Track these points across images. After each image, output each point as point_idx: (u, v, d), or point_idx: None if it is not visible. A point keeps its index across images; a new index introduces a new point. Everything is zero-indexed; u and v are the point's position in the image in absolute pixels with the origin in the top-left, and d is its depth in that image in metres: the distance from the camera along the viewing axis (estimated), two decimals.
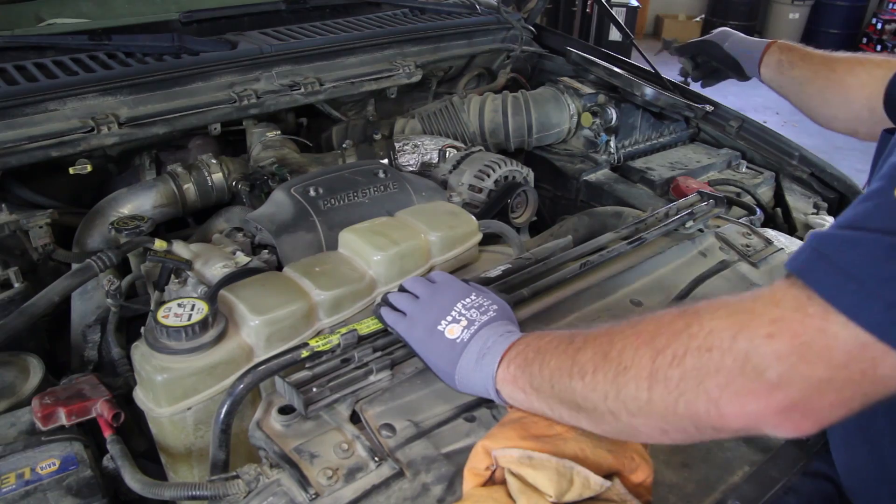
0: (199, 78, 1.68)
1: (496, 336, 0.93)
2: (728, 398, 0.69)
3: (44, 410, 1.02)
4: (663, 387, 0.73)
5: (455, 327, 0.95)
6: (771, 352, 0.67)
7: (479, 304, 0.98)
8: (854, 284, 0.65)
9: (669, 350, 0.73)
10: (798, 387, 0.66)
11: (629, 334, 0.79)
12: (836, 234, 0.68)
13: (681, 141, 2.20)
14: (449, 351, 0.94)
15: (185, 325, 0.99)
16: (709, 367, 0.70)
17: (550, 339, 0.88)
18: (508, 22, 2.24)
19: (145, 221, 1.40)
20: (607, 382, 0.78)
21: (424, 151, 1.77)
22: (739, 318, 0.70)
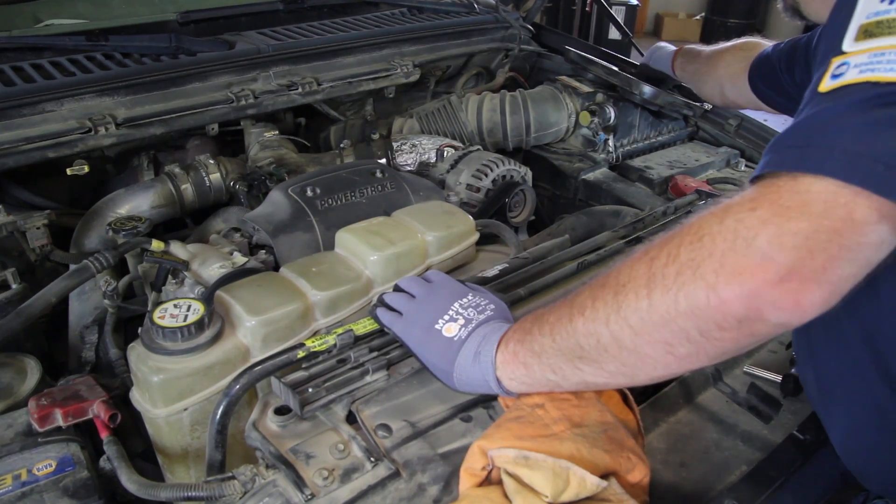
0: (197, 78, 1.68)
1: (493, 331, 0.93)
2: (725, 279, 0.68)
3: (40, 411, 1.01)
4: (662, 287, 0.73)
5: (452, 326, 0.95)
6: (755, 219, 0.68)
7: (476, 303, 0.98)
8: (811, 150, 0.68)
9: (663, 253, 0.74)
10: (788, 249, 0.66)
11: (624, 265, 0.79)
12: (781, 133, 0.73)
13: (679, 139, 2.20)
14: (447, 349, 0.94)
15: (181, 325, 0.99)
16: (702, 254, 0.70)
17: (546, 308, 0.89)
18: (507, 21, 2.24)
19: (143, 222, 1.40)
20: (607, 306, 0.78)
21: (422, 151, 1.77)
22: (724, 206, 0.72)
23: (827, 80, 0.71)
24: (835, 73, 0.71)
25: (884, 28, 0.68)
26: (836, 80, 0.70)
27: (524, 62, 2.35)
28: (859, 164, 0.65)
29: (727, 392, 1.19)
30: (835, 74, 0.71)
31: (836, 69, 0.71)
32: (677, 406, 1.18)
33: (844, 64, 0.70)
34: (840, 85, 0.70)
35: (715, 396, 1.20)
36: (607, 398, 1.00)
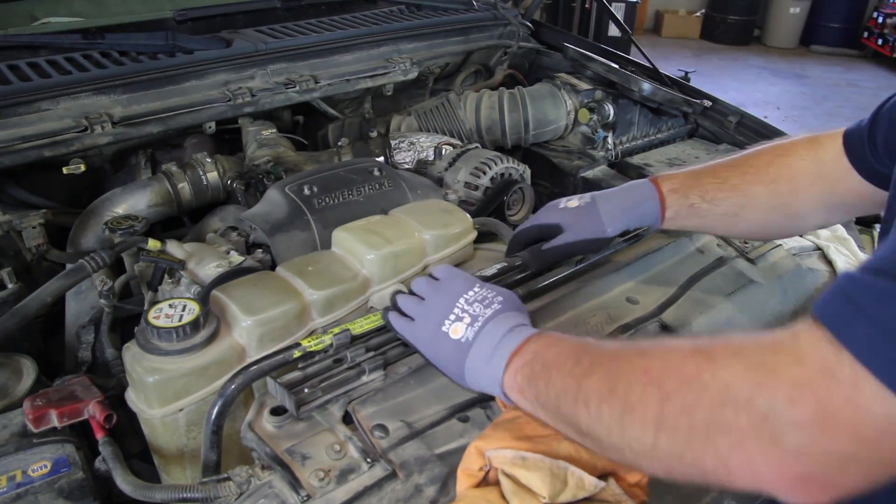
0: (194, 76, 1.67)
1: (503, 332, 0.90)
2: (739, 459, 0.64)
3: (35, 412, 1.01)
4: (670, 436, 0.68)
5: (459, 326, 0.92)
6: (791, 418, 0.61)
7: (482, 296, 0.95)
8: (894, 345, 0.57)
9: (679, 397, 0.68)
10: (818, 459, 0.60)
11: (637, 369, 0.73)
12: (872, 283, 0.61)
13: (679, 137, 2.19)
14: (455, 353, 0.92)
15: (176, 325, 0.99)
16: (720, 424, 0.64)
17: (558, 352, 0.84)
18: (505, 18, 2.23)
19: (139, 221, 1.39)
20: (612, 419, 0.74)
21: (420, 149, 1.76)
22: (758, 374, 0.64)
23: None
24: None
25: None
26: None
27: (523, 59, 2.34)
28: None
29: None
30: None
31: None
32: None
33: None
34: None
35: None
36: None
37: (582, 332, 1.20)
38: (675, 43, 9.03)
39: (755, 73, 8.13)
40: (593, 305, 1.26)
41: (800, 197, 1.15)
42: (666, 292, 1.31)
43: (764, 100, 7.09)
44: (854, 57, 8.77)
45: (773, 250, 1.47)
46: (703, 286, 1.34)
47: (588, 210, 1.22)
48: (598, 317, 1.23)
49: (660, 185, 1.21)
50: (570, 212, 1.23)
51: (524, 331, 0.90)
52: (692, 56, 8.53)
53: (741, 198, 1.17)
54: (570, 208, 1.23)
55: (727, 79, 7.77)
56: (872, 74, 8.14)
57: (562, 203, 1.25)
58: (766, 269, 1.43)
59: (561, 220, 1.23)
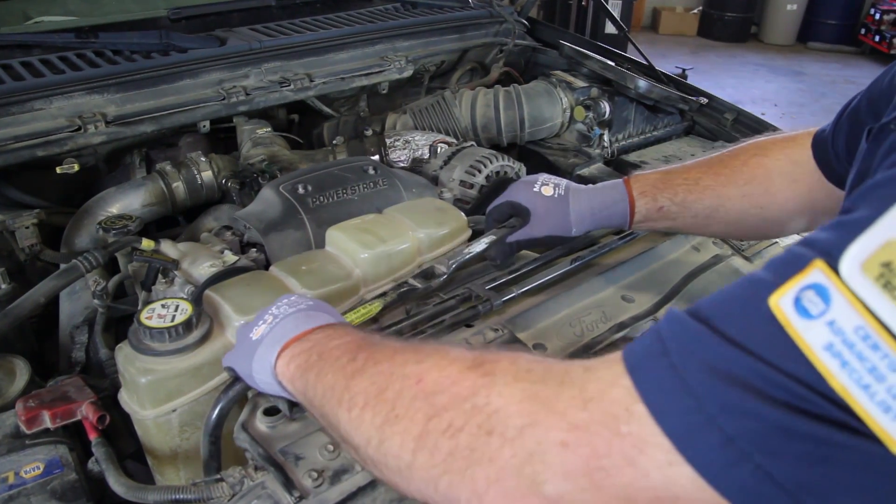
0: (188, 75, 1.66)
1: (294, 323, 0.83)
2: (494, 496, 0.56)
3: (28, 413, 1.00)
4: (429, 456, 0.60)
5: (261, 328, 0.85)
6: (558, 464, 0.53)
7: (295, 301, 0.87)
8: (692, 401, 0.49)
9: (447, 416, 0.60)
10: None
11: (411, 376, 0.65)
12: (687, 324, 0.53)
13: (675, 134, 2.18)
14: (250, 350, 0.84)
15: (169, 326, 0.98)
16: (483, 454, 0.57)
17: (339, 344, 0.77)
18: (501, 16, 2.22)
19: (133, 221, 1.39)
20: (374, 427, 0.66)
21: (415, 147, 1.76)
22: (535, 406, 0.56)
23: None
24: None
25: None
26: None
27: (519, 57, 2.34)
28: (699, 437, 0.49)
29: None
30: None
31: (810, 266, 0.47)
32: None
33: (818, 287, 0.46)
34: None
35: None
36: None
37: (577, 330, 1.20)
38: (672, 40, 9.03)
39: (752, 70, 8.13)
40: (588, 304, 1.26)
41: (775, 199, 1.12)
42: (661, 290, 1.31)
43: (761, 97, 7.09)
44: (851, 53, 8.77)
45: (770, 248, 1.47)
46: (698, 284, 1.34)
47: (558, 204, 1.22)
48: (592, 315, 1.23)
49: (630, 186, 1.21)
50: (543, 200, 1.22)
51: (317, 321, 0.83)
52: (689, 53, 8.53)
53: (713, 200, 1.15)
54: (544, 195, 1.22)
55: (724, 76, 7.77)
56: (869, 71, 8.13)
57: (536, 185, 1.24)
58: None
59: (532, 206, 1.22)
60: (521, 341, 1.13)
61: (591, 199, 1.22)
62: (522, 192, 1.24)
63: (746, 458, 0.47)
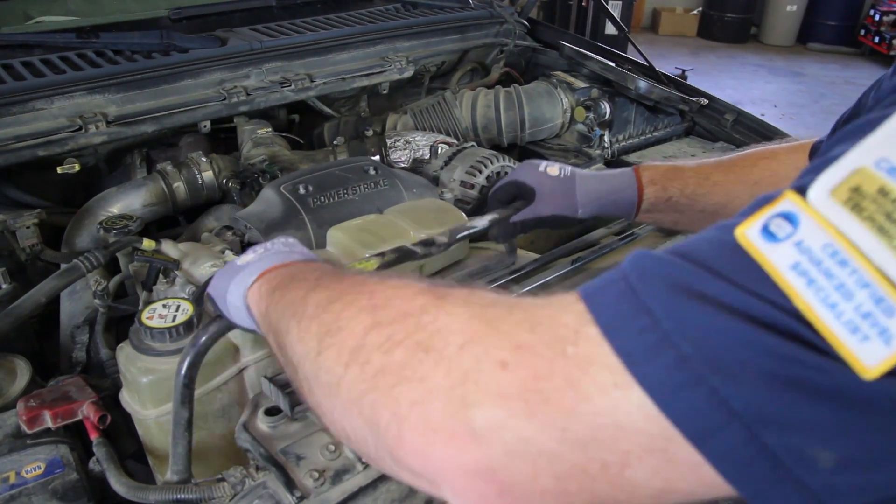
0: (189, 75, 1.66)
1: (283, 257, 0.79)
2: (414, 422, 0.50)
3: (29, 413, 1.00)
4: (359, 371, 0.55)
5: (248, 255, 0.82)
6: (493, 385, 0.47)
7: (292, 244, 0.84)
8: (647, 318, 0.44)
9: (387, 330, 0.55)
10: (505, 448, 0.46)
11: (364, 292, 0.61)
12: (654, 255, 0.49)
13: (676, 135, 2.19)
14: (230, 272, 0.81)
15: (170, 326, 0.98)
16: (415, 372, 0.51)
17: (315, 268, 0.74)
18: (501, 16, 2.22)
19: (134, 221, 1.39)
20: (315, 338, 0.61)
21: (416, 147, 1.76)
22: (480, 326, 0.51)
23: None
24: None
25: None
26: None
27: (519, 58, 2.34)
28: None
29: None
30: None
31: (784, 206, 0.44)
32: None
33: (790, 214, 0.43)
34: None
35: None
36: None
37: None
38: (672, 41, 9.04)
39: (752, 70, 8.14)
40: None
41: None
42: None
43: (761, 97, 7.09)
44: (851, 55, 8.78)
45: None
46: None
47: (564, 184, 1.19)
48: None
49: (640, 174, 1.19)
50: (548, 179, 1.20)
51: (303, 256, 0.81)
52: (689, 54, 8.54)
53: (722, 197, 1.14)
54: (550, 175, 1.20)
55: (724, 77, 7.78)
56: (869, 72, 8.14)
57: (542, 166, 1.22)
58: None
59: (538, 185, 1.20)
60: None
61: (598, 182, 1.20)
62: (527, 172, 1.21)
63: (701, 381, 0.42)
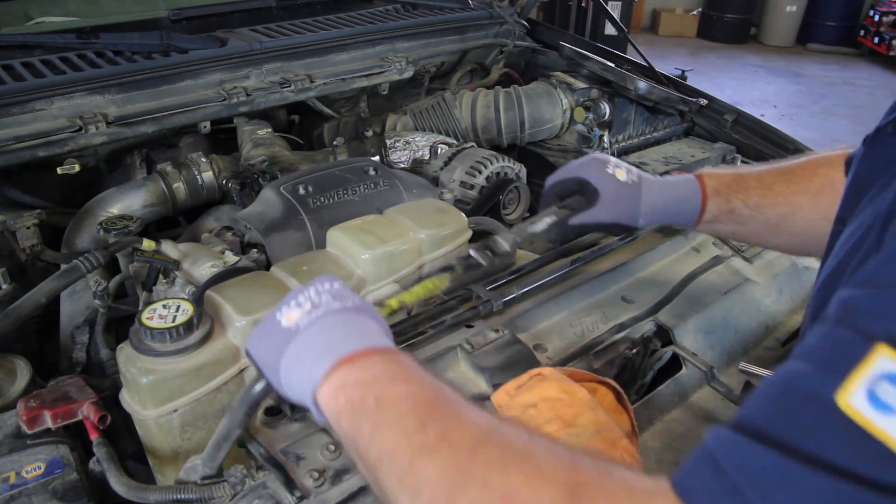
0: (189, 76, 1.66)
1: (345, 330, 0.71)
2: None
3: (29, 413, 1.00)
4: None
5: (295, 313, 0.72)
6: None
7: (337, 291, 0.75)
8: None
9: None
10: None
11: (494, 487, 0.56)
12: (749, 452, 0.48)
13: (675, 135, 2.19)
14: (278, 340, 0.72)
15: (170, 326, 0.98)
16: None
17: (402, 393, 0.65)
18: (501, 17, 2.23)
19: (134, 221, 1.39)
20: (403, 487, 0.59)
21: (416, 148, 1.76)
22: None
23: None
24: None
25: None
26: None
27: (519, 58, 2.34)
28: None
29: (722, 390, 1.18)
30: None
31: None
32: (672, 405, 1.18)
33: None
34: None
35: (710, 395, 1.20)
36: (601, 397, 1.00)
37: (577, 331, 1.20)
38: (671, 41, 9.04)
39: (752, 71, 8.14)
40: (588, 305, 1.26)
41: None
42: (661, 291, 1.31)
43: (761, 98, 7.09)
44: (850, 55, 8.77)
45: (770, 249, 1.47)
46: (698, 285, 1.34)
47: (631, 191, 1.13)
48: (593, 316, 1.23)
49: (704, 183, 1.13)
50: (615, 184, 1.13)
51: (373, 338, 0.71)
52: (689, 55, 8.53)
53: (785, 207, 1.10)
54: (618, 179, 1.13)
55: (724, 77, 7.77)
56: (869, 73, 8.14)
57: (610, 166, 1.14)
58: (762, 268, 1.43)
59: (603, 188, 1.12)
60: (522, 342, 1.13)
61: (663, 191, 1.14)
62: (594, 171, 1.14)
63: None
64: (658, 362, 1.26)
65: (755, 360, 1.25)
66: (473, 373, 1.08)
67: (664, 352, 1.24)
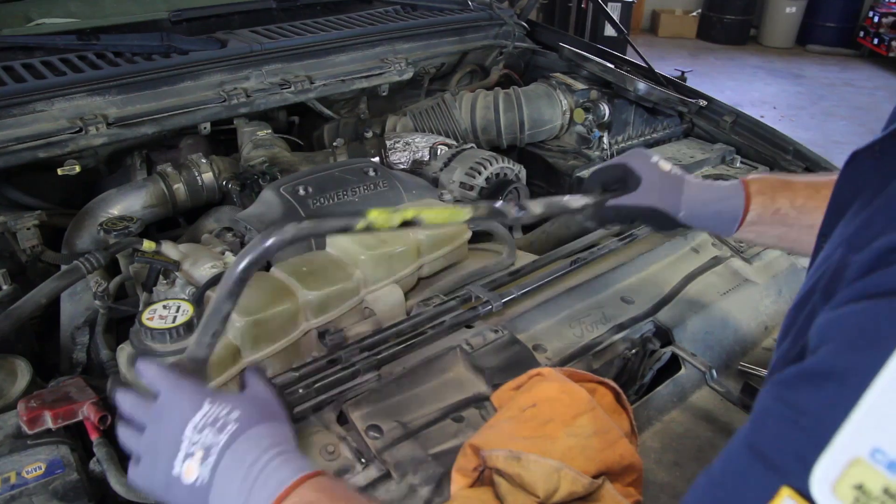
0: (189, 77, 1.67)
1: (249, 466, 0.70)
2: None
3: (29, 413, 1.00)
4: None
5: (191, 465, 0.72)
6: None
7: (213, 417, 0.74)
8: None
9: None
10: None
11: None
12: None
13: (674, 136, 2.19)
14: (193, 499, 0.71)
15: (170, 327, 0.98)
16: None
17: None
18: (501, 18, 2.23)
19: (134, 222, 1.39)
20: None
21: (416, 149, 1.76)
22: None
23: None
24: None
25: None
26: None
27: (518, 59, 2.34)
28: None
29: (721, 391, 1.18)
30: None
31: None
32: (671, 405, 1.18)
33: None
34: None
35: (709, 395, 1.20)
36: (600, 397, 1.00)
37: (576, 331, 1.20)
38: (671, 43, 9.04)
39: (751, 72, 8.14)
40: (588, 305, 1.26)
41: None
42: (661, 292, 1.31)
43: (760, 99, 7.10)
44: (850, 56, 8.78)
45: (769, 250, 1.47)
46: (697, 285, 1.34)
47: (673, 181, 1.11)
48: (592, 316, 1.24)
49: (748, 184, 1.10)
50: (658, 171, 1.12)
51: (281, 465, 0.70)
52: (689, 56, 8.54)
53: None
54: (661, 169, 1.12)
55: (724, 78, 7.78)
56: (868, 74, 8.15)
57: (653, 157, 1.14)
58: (761, 269, 1.43)
59: (646, 175, 1.11)
60: (521, 342, 1.14)
61: (705, 187, 1.12)
62: (637, 160, 1.14)
63: None
64: (657, 363, 1.27)
65: (753, 360, 1.25)
66: (473, 373, 1.08)
67: (663, 352, 1.24)
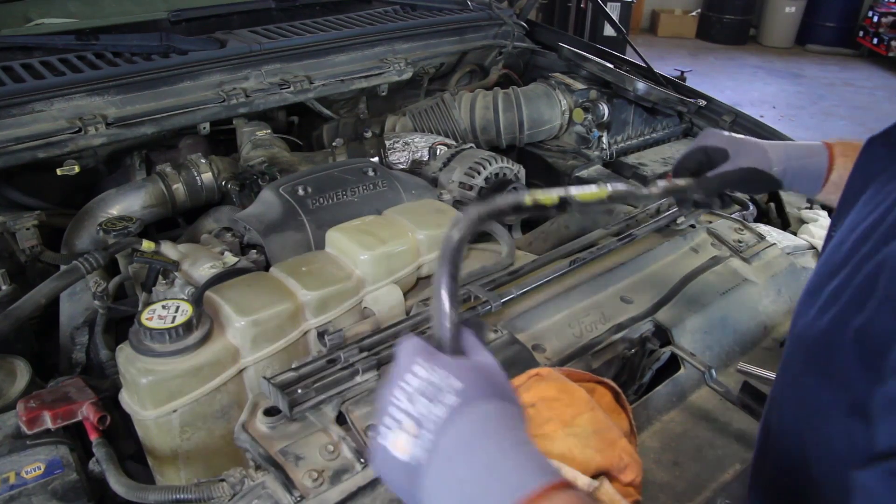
0: (188, 77, 1.67)
1: (486, 457, 0.56)
2: None
3: (29, 414, 1.01)
4: None
5: (400, 438, 0.58)
6: None
7: (428, 383, 0.59)
8: None
9: None
10: None
11: None
12: None
13: (674, 136, 2.19)
14: (404, 475, 0.58)
15: (169, 327, 0.98)
16: None
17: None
18: (500, 18, 2.23)
19: (133, 222, 1.39)
20: None
21: (415, 149, 1.76)
22: None
23: None
24: None
25: None
26: None
27: (518, 59, 2.34)
28: None
29: (720, 390, 1.18)
30: None
31: None
32: (670, 405, 1.18)
33: None
34: None
35: (708, 395, 1.20)
36: (599, 397, 1.00)
37: (576, 331, 1.20)
38: (671, 42, 9.04)
39: (751, 72, 8.14)
40: (587, 305, 1.26)
41: None
42: (660, 291, 1.31)
43: (760, 99, 7.09)
44: (850, 56, 8.78)
45: (768, 249, 1.47)
46: (697, 285, 1.34)
47: (755, 144, 1.13)
48: (591, 316, 1.24)
49: (832, 147, 1.10)
50: (735, 139, 1.15)
51: (522, 465, 0.55)
52: (688, 56, 8.54)
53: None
54: (735, 136, 1.15)
55: (723, 78, 7.77)
56: (868, 73, 8.14)
57: (725, 132, 1.18)
58: (761, 268, 1.43)
59: (727, 145, 1.14)
60: (521, 342, 1.14)
61: (787, 145, 1.13)
62: (713, 138, 1.16)
63: None
64: (656, 362, 1.26)
65: (752, 360, 1.25)
66: None
67: (662, 352, 1.24)
